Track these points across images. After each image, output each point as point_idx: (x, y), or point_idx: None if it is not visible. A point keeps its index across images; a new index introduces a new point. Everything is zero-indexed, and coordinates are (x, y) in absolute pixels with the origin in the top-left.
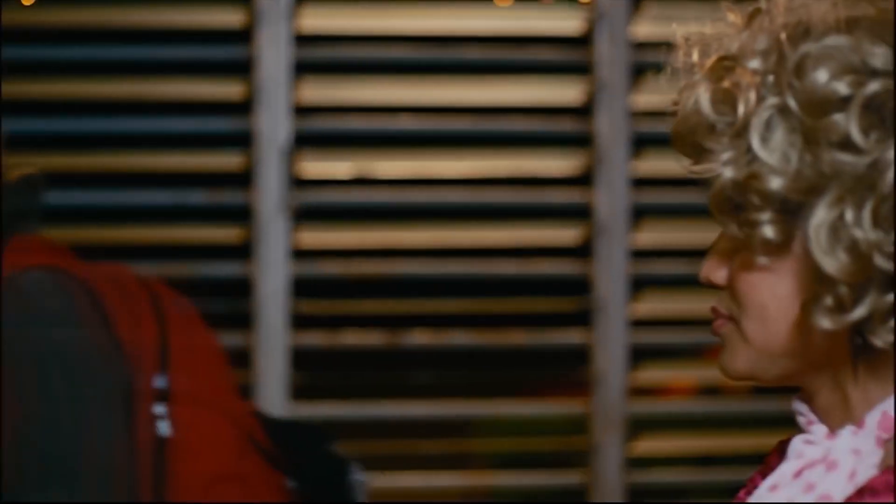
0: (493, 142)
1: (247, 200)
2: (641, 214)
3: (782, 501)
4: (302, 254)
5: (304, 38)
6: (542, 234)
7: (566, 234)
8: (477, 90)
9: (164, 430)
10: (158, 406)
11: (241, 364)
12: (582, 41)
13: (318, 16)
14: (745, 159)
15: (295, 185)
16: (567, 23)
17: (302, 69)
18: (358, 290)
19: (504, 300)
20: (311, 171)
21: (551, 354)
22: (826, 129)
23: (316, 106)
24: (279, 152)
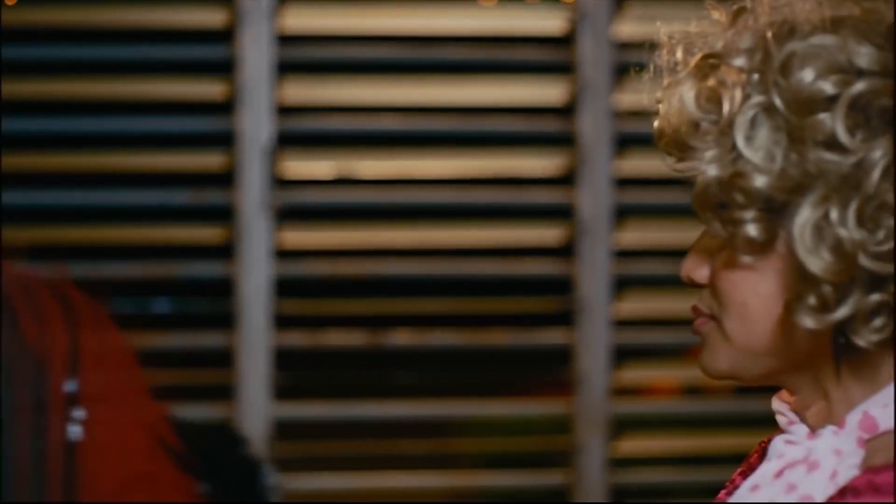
0: (476, 142)
1: (229, 200)
2: (624, 214)
3: (763, 502)
4: (284, 254)
5: (286, 38)
6: (525, 234)
7: (549, 234)
8: (460, 90)
9: (74, 434)
10: (69, 410)
11: (223, 364)
12: (565, 41)
13: (301, 16)
14: (730, 157)
15: (277, 184)
16: (550, 22)
17: (284, 69)
18: (340, 289)
19: (487, 300)
20: (293, 170)
21: (534, 354)
22: (812, 128)
23: (298, 106)
24: (262, 152)
